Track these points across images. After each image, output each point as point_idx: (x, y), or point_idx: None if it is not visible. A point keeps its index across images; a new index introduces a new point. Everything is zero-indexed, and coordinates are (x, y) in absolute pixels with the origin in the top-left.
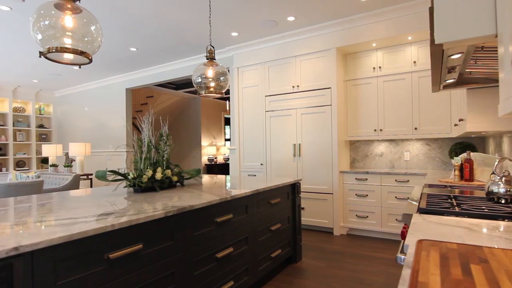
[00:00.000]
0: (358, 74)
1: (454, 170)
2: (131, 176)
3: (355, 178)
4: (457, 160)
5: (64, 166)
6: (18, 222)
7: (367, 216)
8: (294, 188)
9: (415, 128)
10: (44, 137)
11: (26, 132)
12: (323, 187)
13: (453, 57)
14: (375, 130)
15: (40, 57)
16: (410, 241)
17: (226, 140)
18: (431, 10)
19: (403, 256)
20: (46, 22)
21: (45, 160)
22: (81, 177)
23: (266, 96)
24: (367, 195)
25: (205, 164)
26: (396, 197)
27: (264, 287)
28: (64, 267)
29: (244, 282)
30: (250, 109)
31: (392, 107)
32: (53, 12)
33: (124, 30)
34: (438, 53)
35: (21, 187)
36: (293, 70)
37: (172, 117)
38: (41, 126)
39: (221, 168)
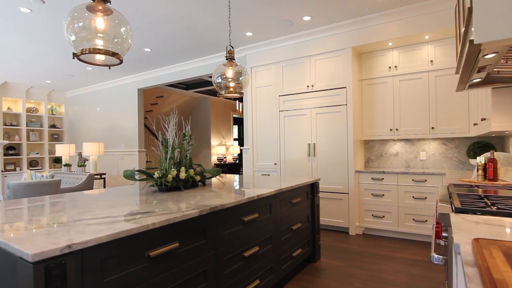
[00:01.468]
0: (374, 73)
1: (478, 170)
2: (156, 175)
3: (371, 178)
4: (481, 160)
5: (78, 166)
6: (59, 220)
7: (383, 216)
8: (313, 188)
9: (432, 128)
10: (56, 137)
11: (39, 132)
12: (339, 186)
13: (487, 56)
14: (391, 129)
15: (73, 58)
16: (460, 240)
17: (234, 139)
18: (470, 10)
19: (436, 255)
20: (80, 24)
21: (57, 160)
22: (95, 176)
23: (280, 95)
24: (383, 194)
25: (215, 164)
26: (413, 197)
27: (286, 286)
28: (110, 264)
29: (269, 281)
30: (263, 109)
31: (408, 106)
32: (86, 14)
33: (140, 31)
34: (474, 53)
35: (39, 186)
36: (308, 69)
37: (182, 116)
38: (53, 126)
39: (231, 168)
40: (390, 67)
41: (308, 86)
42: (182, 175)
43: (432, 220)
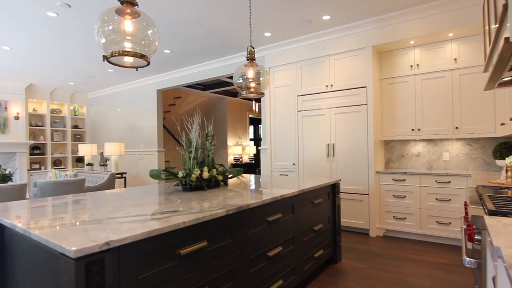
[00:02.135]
0: (395, 72)
1: (507, 171)
2: (180, 175)
3: (392, 179)
4: (510, 161)
5: (100, 165)
6: (93, 218)
7: (405, 218)
8: (334, 189)
9: (456, 128)
10: (78, 137)
11: (62, 133)
12: (359, 187)
13: None
14: (412, 129)
15: (103, 60)
16: (500, 243)
17: (250, 140)
18: (505, 6)
19: (468, 259)
20: (110, 27)
21: (79, 159)
22: (116, 175)
23: (298, 95)
24: (405, 196)
25: (231, 164)
26: (436, 198)
27: (308, 287)
28: (143, 262)
29: (291, 281)
30: (281, 109)
31: (431, 106)
32: (115, 17)
33: (161, 33)
34: (508, 50)
35: (65, 185)
36: (327, 69)
37: (200, 117)
38: (75, 126)
39: (247, 168)
40: (411, 66)
41: (327, 86)
42: (205, 174)
43: (458, 222)
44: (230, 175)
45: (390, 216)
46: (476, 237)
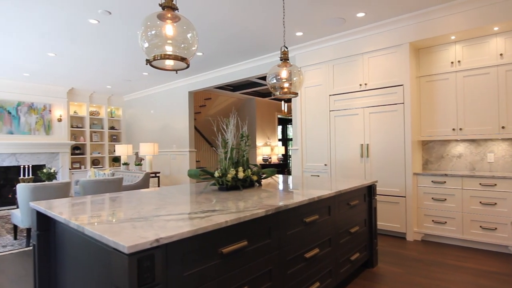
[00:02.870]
0: (433, 69)
1: None
2: (216, 175)
3: (431, 181)
4: None
5: (135, 165)
6: (139, 215)
7: (446, 222)
8: (370, 190)
9: (502, 127)
10: (114, 138)
11: (100, 134)
12: (395, 189)
13: None
14: (453, 129)
15: (146, 64)
16: None
17: (279, 140)
18: None
19: None
20: (153, 32)
21: (116, 159)
22: (150, 174)
23: (330, 95)
24: (445, 199)
25: (260, 164)
26: (480, 202)
27: None
28: (189, 259)
29: (328, 284)
30: (313, 109)
31: (473, 104)
32: (158, 22)
33: None
34: None
35: (105, 183)
36: (360, 68)
37: (228, 118)
38: (112, 127)
39: (278, 169)
40: (452, 62)
41: (360, 85)
42: (241, 175)
43: (504, 228)
44: (264, 175)
45: (429, 220)
46: None
